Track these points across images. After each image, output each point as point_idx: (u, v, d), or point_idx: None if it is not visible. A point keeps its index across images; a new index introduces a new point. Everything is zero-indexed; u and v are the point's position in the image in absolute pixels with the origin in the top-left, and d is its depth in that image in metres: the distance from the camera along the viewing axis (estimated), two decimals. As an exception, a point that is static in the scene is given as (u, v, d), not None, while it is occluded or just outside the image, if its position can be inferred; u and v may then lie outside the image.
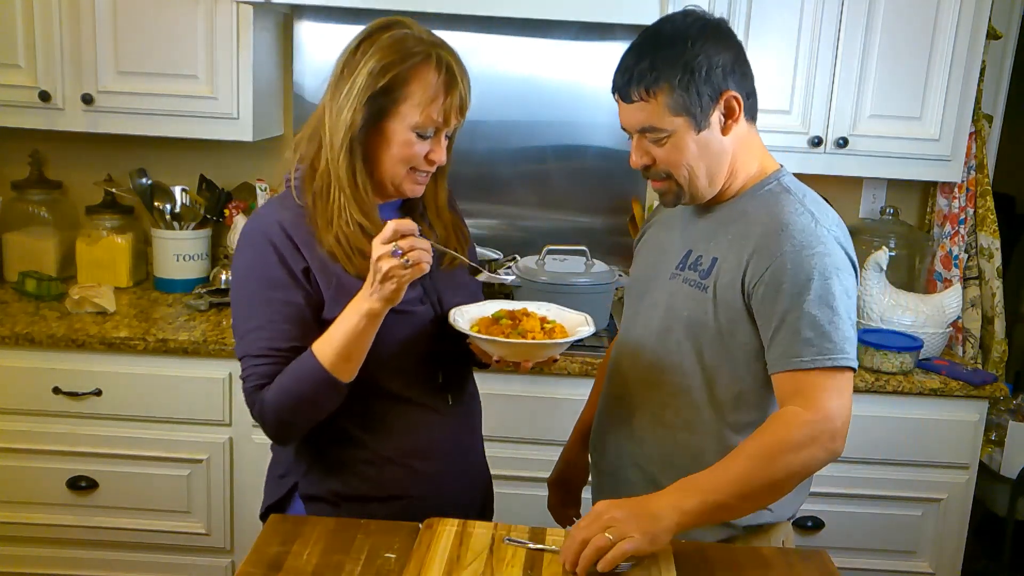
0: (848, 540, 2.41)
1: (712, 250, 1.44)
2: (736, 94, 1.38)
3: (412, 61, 1.38)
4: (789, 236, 1.35)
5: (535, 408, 2.35)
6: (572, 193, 2.85)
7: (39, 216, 2.78)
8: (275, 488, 1.56)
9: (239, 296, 1.44)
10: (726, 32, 1.40)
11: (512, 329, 1.44)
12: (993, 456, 2.76)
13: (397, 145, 1.41)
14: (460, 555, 1.30)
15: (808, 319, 1.32)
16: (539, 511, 2.31)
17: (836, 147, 2.51)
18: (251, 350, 1.40)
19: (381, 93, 1.38)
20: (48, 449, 2.34)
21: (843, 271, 1.36)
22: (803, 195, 1.43)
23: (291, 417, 1.39)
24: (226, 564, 2.43)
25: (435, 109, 1.39)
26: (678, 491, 1.30)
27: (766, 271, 1.35)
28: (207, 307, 2.55)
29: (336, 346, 1.34)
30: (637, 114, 1.40)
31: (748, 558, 1.40)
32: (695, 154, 1.39)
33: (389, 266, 1.27)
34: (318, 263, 1.41)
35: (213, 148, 2.74)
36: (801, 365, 1.33)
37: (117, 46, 2.45)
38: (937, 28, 2.45)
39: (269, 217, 1.44)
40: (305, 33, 2.74)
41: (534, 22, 2.67)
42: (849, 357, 1.34)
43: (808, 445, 1.30)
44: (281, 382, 1.37)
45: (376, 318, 1.33)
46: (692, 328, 1.43)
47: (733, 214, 1.44)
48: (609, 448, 1.60)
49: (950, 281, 2.74)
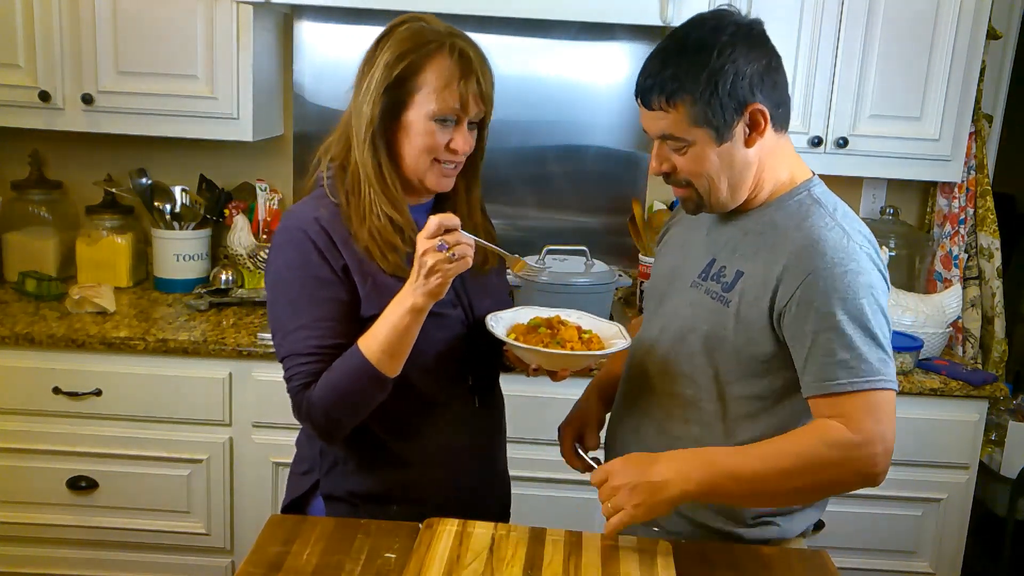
0: (848, 540, 2.41)
1: (737, 262, 1.39)
2: (762, 107, 1.31)
3: (426, 49, 1.39)
4: (820, 253, 1.29)
5: (547, 408, 2.34)
6: (572, 193, 2.85)
7: (39, 216, 2.78)
8: (297, 484, 1.56)
9: (282, 295, 1.42)
10: (757, 38, 1.32)
11: (551, 339, 1.43)
12: (993, 456, 2.76)
13: (417, 135, 1.40)
14: (460, 555, 1.30)
15: (842, 340, 1.27)
16: (552, 512, 2.31)
17: (836, 147, 2.51)
18: (298, 348, 1.39)
19: (396, 84, 1.38)
20: (48, 449, 2.34)
21: (876, 289, 1.31)
22: (834, 208, 1.37)
23: (339, 413, 1.39)
24: (226, 564, 2.43)
25: (450, 95, 1.38)
26: (691, 461, 1.29)
27: (797, 289, 1.30)
28: (207, 307, 2.55)
29: (381, 341, 1.34)
30: (658, 122, 1.35)
31: (748, 558, 1.40)
32: (716, 166, 1.34)
33: (435, 260, 1.27)
34: (355, 261, 1.41)
35: (213, 148, 2.74)
36: (838, 389, 1.28)
37: (117, 46, 2.45)
38: (937, 28, 2.45)
39: (307, 215, 1.43)
40: (305, 33, 2.74)
41: (534, 22, 2.67)
42: (886, 379, 1.29)
43: (841, 465, 1.27)
44: (329, 379, 1.37)
45: (421, 313, 1.33)
46: (709, 342, 1.39)
47: (760, 225, 1.39)
48: (618, 453, 1.59)
49: (950, 281, 2.74)
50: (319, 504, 1.53)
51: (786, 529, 1.45)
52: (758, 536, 1.44)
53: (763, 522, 1.44)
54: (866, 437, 1.27)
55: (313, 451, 1.54)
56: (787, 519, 1.45)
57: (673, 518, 1.47)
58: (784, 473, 1.28)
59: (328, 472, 1.51)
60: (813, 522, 1.50)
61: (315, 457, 1.53)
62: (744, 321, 1.36)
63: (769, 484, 1.29)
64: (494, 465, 1.64)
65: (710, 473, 1.28)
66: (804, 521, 1.47)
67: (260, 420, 2.34)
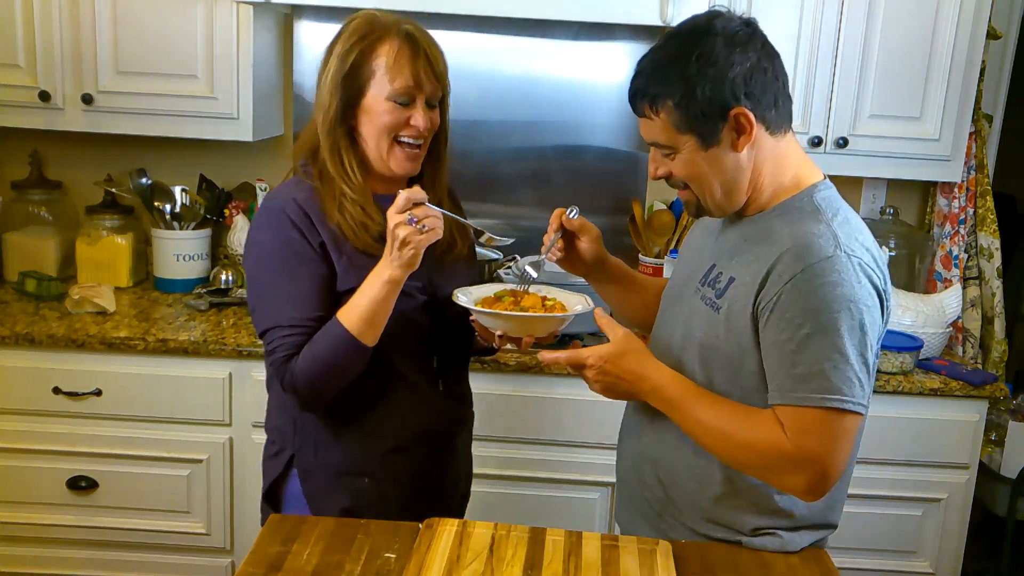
0: (848, 540, 2.40)
1: (732, 269, 1.38)
2: (745, 111, 1.29)
3: (376, 35, 1.47)
4: (803, 260, 1.27)
5: (529, 408, 2.35)
6: (572, 193, 2.85)
7: (39, 216, 2.78)
8: (271, 468, 1.61)
9: (262, 270, 1.49)
10: (744, 40, 1.30)
11: (514, 307, 1.48)
12: (993, 456, 2.76)
13: (377, 115, 1.48)
14: (460, 555, 1.30)
15: (805, 354, 1.26)
16: (534, 511, 2.32)
17: (836, 147, 2.51)
18: (280, 321, 1.45)
19: (352, 72, 1.47)
20: (48, 449, 2.34)
21: (858, 303, 1.26)
22: (833, 214, 1.33)
23: (323, 383, 1.45)
24: (226, 564, 2.43)
25: (401, 73, 1.46)
26: (668, 387, 1.37)
27: (775, 296, 1.28)
28: (207, 307, 2.55)
29: (361, 312, 1.42)
30: (647, 128, 1.36)
31: (748, 558, 1.40)
32: (706, 171, 1.34)
33: (405, 233, 1.36)
34: (331, 238, 1.48)
35: (213, 148, 2.74)
36: (793, 401, 1.27)
37: (117, 46, 2.44)
38: (937, 28, 2.45)
39: (285, 195, 1.51)
40: (305, 33, 2.74)
41: (534, 22, 2.67)
42: (845, 399, 1.25)
43: (770, 468, 1.32)
44: (312, 350, 1.44)
45: (397, 284, 1.41)
46: (704, 352, 1.39)
47: (759, 231, 1.37)
48: (624, 456, 1.59)
49: (950, 281, 2.74)
50: (295, 485, 1.58)
51: (788, 542, 1.43)
52: (757, 547, 1.43)
53: (764, 533, 1.43)
54: (803, 455, 1.27)
55: (284, 430, 1.59)
56: (792, 533, 1.43)
57: (675, 526, 1.47)
58: (729, 451, 1.35)
59: (301, 447, 1.57)
60: (820, 538, 1.47)
61: (285, 436, 1.58)
62: (734, 330, 1.34)
63: (716, 449, 1.36)
64: (454, 453, 1.69)
65: (675, 408, 1.37)
66: (811, 536, 1.45)
67: (260, 420, 2.31)
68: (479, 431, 1.83)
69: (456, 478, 1.70)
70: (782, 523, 1.42)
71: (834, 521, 1.48)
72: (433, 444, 1.62)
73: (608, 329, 1.41)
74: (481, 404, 1.80)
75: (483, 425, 1.93)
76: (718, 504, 1.42)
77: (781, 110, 1.35)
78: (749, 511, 1.42)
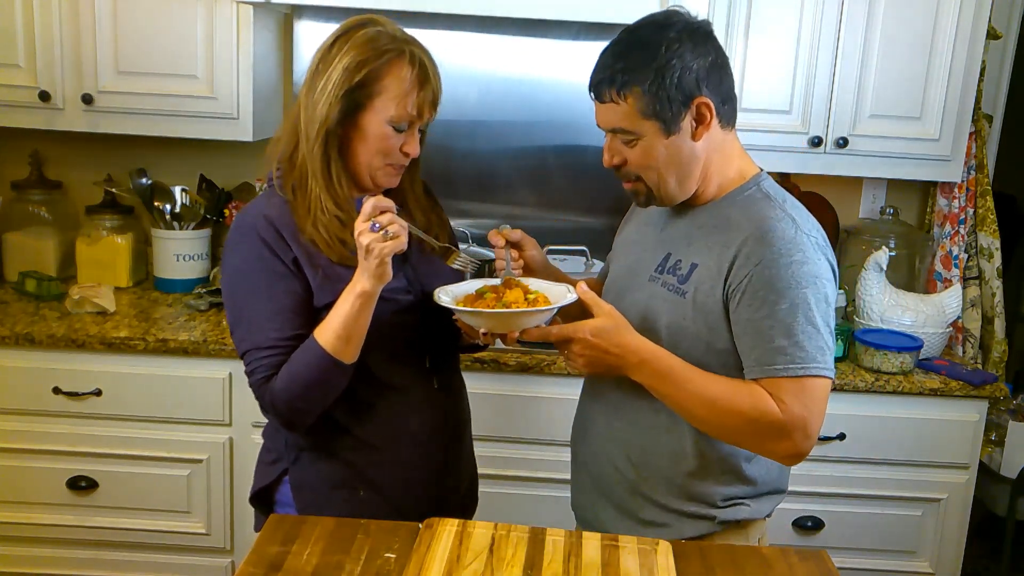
0: (848, 540, 2.41)
1: (691, 255, 1.44)
2: (708, 101, 1.38)
3: (386, 57, 1.44)
4: (769, 243, 1.36)
5: (529, 408, 2.35)
6: (572, 193, 2.85)
7: (39, 216, 2.78)
8: (265, 473, 1.60)
9: (238, 291, 1.47)
10: (704, 36, 1.39)
11: (497, 302, 1.46)
12: (993, 456, 2.76)
13: (373, 138, 1.46)
14: (460, 555, 1.30)
15: (781, 327, 1.34)
16: (531, 510, 2.32)
17: (836, 147, 2.51)
18: (259, 342, 1.43)
19: (356, 88, 1.43)
20: (48, 449, 2.34)
21: (821, 279, 1.37)
22: (783, 200, 1.43)
23: (303, 403, 1.44)
24: (226, 564, 2.43)
25: (409, 103, 1.45)
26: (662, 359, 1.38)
27: (745, 278, 1.36)
28: (207, 307, 2.55)
29: (335, 329, 1.39)
30: (609, 114, 1.41)
31: (748, 558, 1.40)
32: (664, 158, 1.40)
33: (368, 240, 1.33)
34: (305, 253, 1.46)
35: (213, 148, 2.74)
36: (774, 373, 1.35)
37: (117, 46, 2.45)
38: (937, 28, 2.45)
39: (255, 213, 1.49)
40: (305, 33, 2.74)
41: (534, 22, 2.67)
42: (821, 366, 1.36)
43: (758, 434, 1.37)
44: (288, 370, 1.42)
45: (370, 298, 1.38)
46: (672, 332, 1.44)
47: (713, 219, 1.45)
48: (590, 441, 1.61)
49: (950, 281, 2.74)
50: (286, 492, 1.56)
51: (756, 510, 1.50)
52: (731, 517, 1.49)
53: (735, 503, 1.49)
54: (792, 421, 1.35)
55: (279, 441, 1.58)
56: (756, 501, 1.51)
57: (645, 506, 1.52)
58: (719, 423, 1.39)
59: (296, 461, 1.55)
60: (776, 504, 1.56)
61: (282, 448, 1.57)
62: (702, 310, 1.41)
63: (707, 423, 1.40)
64: (459, 447, 1.67)
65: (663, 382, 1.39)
66: (770, 504, 1.54)
67: (260, 420, 2.33)
68: (479, 431, 1.83)
69: (458, 478, 1.68)
70: (748, 490, 1.50)
71: (785, 487, 1.57)
72: (434, 442, 1.59)
73: (593, 305, 1.42)
74: (481, 404, 1.80)
75: (483, 425, 1.93)
76: (691, 478, 1.48)
77: (731, 106, 1.44)
78: (720, 482, 1.48)
